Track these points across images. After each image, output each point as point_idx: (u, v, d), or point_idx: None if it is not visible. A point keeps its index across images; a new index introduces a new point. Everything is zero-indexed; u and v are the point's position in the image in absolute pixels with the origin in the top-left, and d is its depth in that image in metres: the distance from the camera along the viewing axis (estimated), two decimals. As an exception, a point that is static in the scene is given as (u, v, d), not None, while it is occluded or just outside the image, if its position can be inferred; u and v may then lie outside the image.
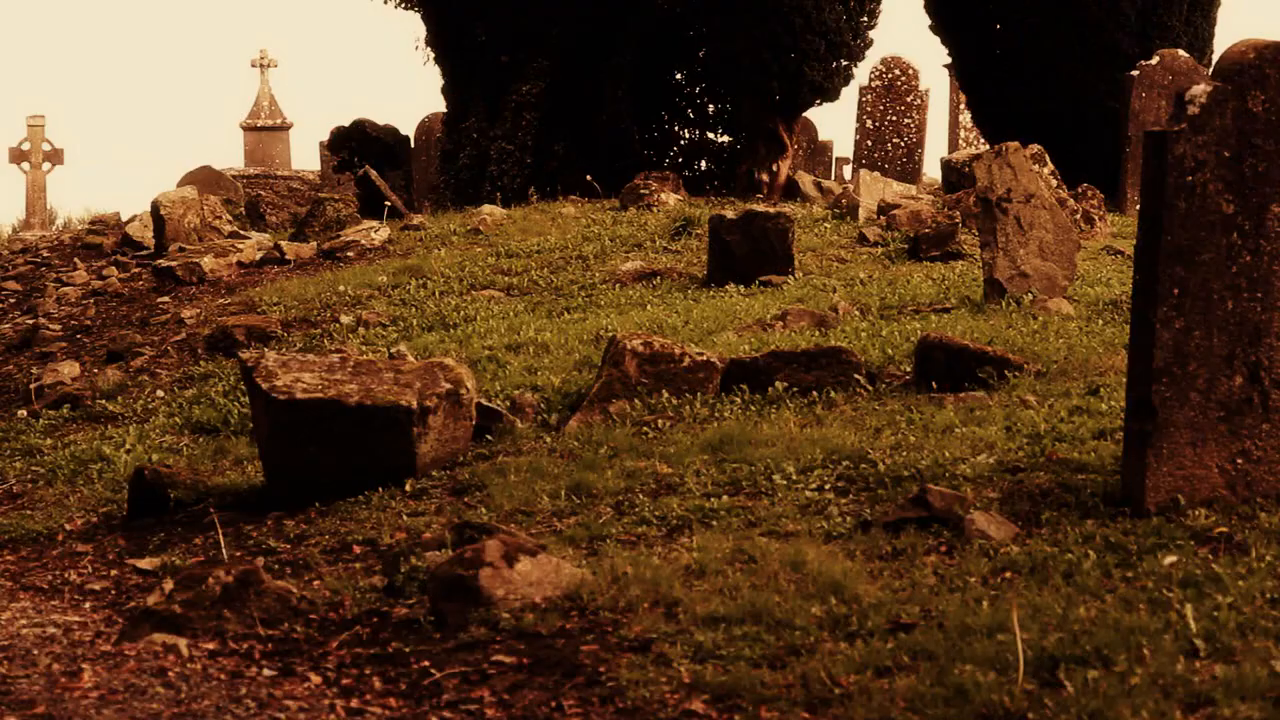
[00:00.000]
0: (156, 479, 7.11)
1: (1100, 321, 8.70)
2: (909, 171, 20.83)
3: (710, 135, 18.62)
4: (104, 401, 9.81)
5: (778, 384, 7.37)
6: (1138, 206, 9.65)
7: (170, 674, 4.79)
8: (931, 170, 22.15)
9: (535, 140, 16.90)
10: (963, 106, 22.66)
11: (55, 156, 25.26)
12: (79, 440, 8.86)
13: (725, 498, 5.94)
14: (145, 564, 6.31)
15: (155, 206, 14.91)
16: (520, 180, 16.70)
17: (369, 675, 4.71)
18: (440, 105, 18.77)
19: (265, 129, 28.62)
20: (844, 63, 16.74)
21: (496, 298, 11.27)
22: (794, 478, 6.08)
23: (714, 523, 5.67)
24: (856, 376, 7.42)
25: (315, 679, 4.72)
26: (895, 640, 4.39)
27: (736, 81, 17.01)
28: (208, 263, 13.50)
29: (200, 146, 58.44)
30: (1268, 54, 5.21)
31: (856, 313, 9.44)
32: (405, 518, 6.25)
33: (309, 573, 5.76)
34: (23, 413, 9.99)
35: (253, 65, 29.16)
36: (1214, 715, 3.78)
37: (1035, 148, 12.65)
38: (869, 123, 21.17)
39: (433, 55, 18.06)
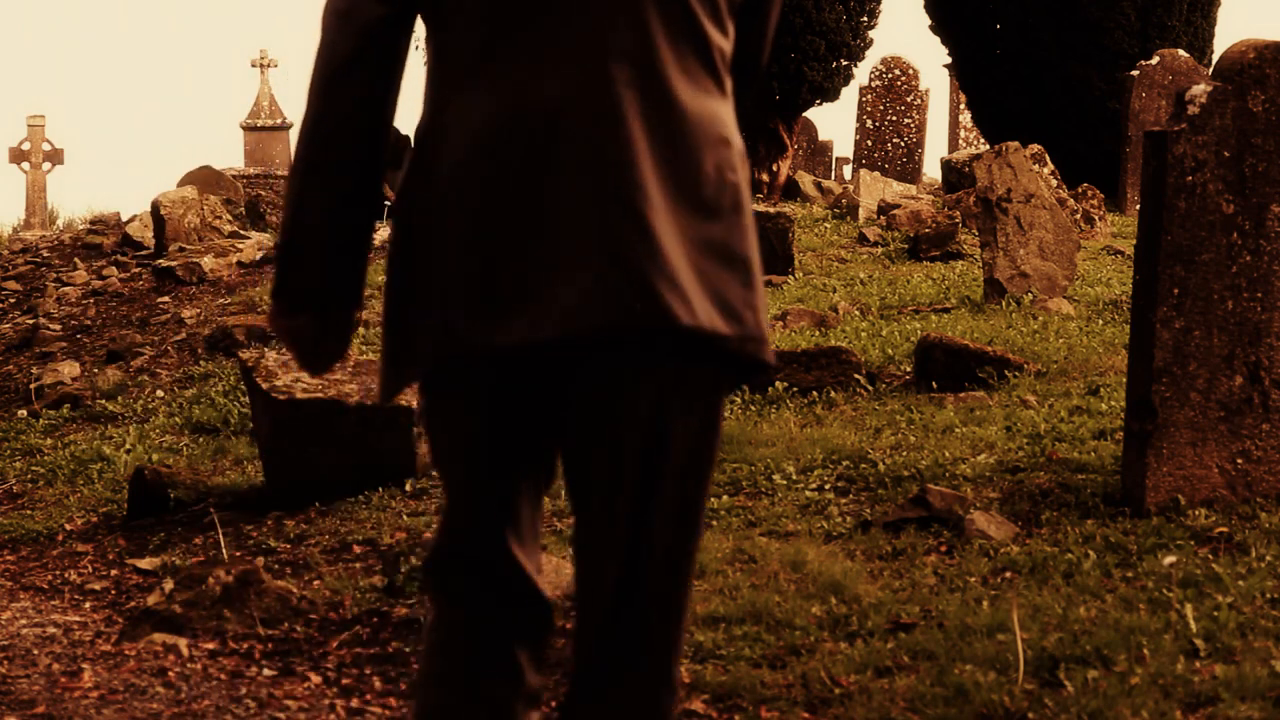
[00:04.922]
0: (156, 479, 7.10)
1: (1100, 321, 8.69)
2: (909, 171, 20.82)
3: (710, 135, 18.62)
4: (104, 401, 9.80)
5: (778, 384, 7.36)
6: (1138, 206, 9.65)
7: (170, 674, 4.79)
8: (931, 170, 22.15)
9: (535, 140, 16.90)
10: (963, 106, 22.68)
11: (55, 156, 25.25)
12: (79, 440, 8.85)
13: (725, 498, 5.93)
14: (145, 564, 6.31)
15: (155, 206, 14.90)
16: (520, 180, 16.69)
17: (369, 675, 4.71)
18: (440, 105, 18.75)
19: (265, 129, 28.60)
20: (844, 63, 16.74)
21: (496, 298, 11.25)
22: (794, 478, 6.08)
23: (714, 523, 5.67)
24: (856, 376, 7.42)
25: (315, 679, 4.72)
26: (895, 640, 4.39)
27: (736, 81, 17.02)
28: (208, 262, 13.50)
29: (200, 146, 58.54)
30: (1268, 54, 5.21)
31: (856, 313, 9.44)
32: (405, 518, 6.24)
33: (309, 573, 5.75)
34: (23, 413, 9.98)
35: (253, 65, 29.13)
36: (1214, 715, 3.77)
37: (1035, 148, 12.65)
38: (869, 123, 21.17)
39: (433, 55, 18.05)
